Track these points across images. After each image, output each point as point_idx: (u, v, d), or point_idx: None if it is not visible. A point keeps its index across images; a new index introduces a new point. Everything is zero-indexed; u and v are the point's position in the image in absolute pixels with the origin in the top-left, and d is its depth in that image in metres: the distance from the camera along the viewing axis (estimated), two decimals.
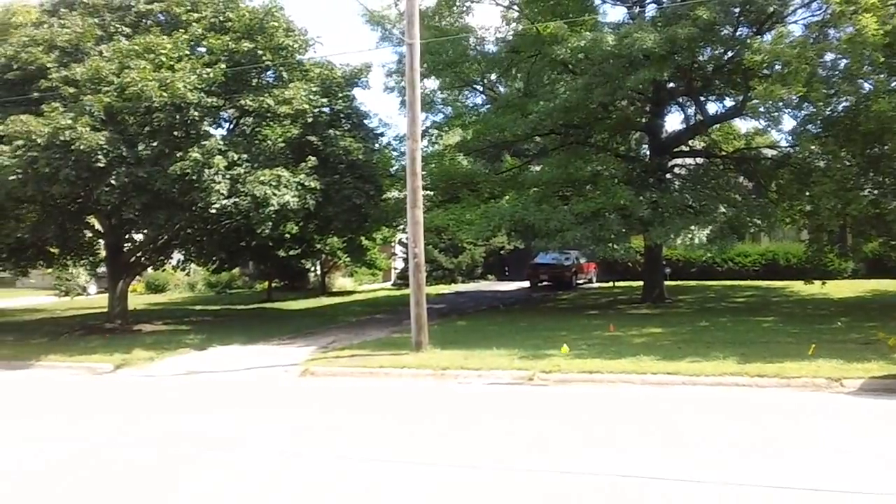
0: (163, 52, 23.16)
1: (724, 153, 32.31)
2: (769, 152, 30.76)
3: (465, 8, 31.71)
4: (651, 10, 29.93)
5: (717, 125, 32.09)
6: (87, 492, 8.96)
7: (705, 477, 8.57)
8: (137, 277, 38.07)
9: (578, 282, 46.34)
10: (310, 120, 25.08)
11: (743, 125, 33.93)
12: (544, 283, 45.17)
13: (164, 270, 42.45)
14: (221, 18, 25.38)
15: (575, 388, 14.63)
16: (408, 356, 18.14)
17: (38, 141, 21.19)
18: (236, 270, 47.85)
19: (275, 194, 22.43)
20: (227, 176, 22.37)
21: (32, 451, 10.95)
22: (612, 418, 12.03)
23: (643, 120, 31.78)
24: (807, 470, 8.77)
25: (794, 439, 10.26)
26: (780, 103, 23.00)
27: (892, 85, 21.62)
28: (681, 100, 31.84)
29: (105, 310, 28.62)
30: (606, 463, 9.29)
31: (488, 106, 34.12)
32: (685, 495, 8.07)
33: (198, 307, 39.53)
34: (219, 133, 25.84)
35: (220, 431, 11.84)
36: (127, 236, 28.52)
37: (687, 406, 12.67)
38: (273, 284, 46.20)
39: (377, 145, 29.86)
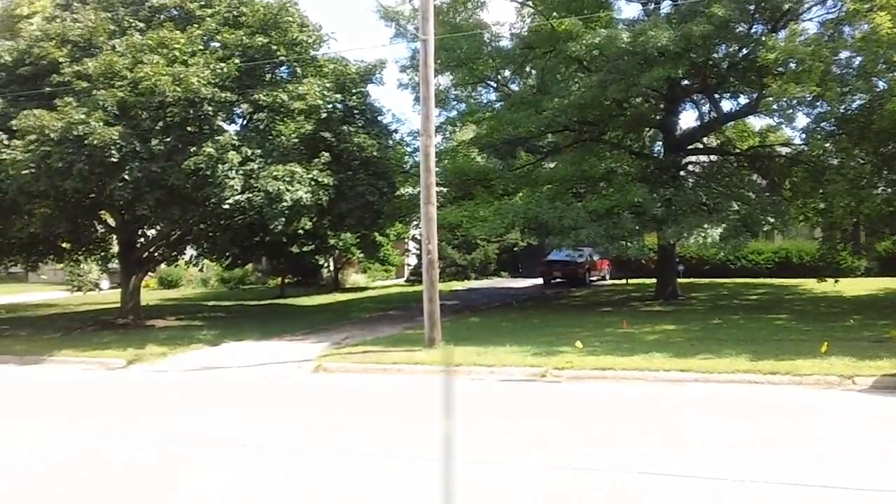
0: (176, 46, 23.14)
1: (738, 150, 32.27)
2: (783, 150, 30.73)
3: (479, 4, 31.67)
4: (666, 6, 29.83)
5: (732, 122, 32.07)
6: (87, 492, 8.95)
7: (717, 474, 8.57)
8: (150, 273, 38.10)
9: (591, 279, 46.24)
10: (324, 116, 25.05)
11: (757, 122, 33.92)
12: (557, 280, 45.08)
13: (176, 266, 42.51)
14: (235, 13, 25.31)
15: (588, 385, 14.62)
16: (421, 353, 18.13)
17: (52, 135, 21.20)
18: (249, 266, 47.85)
19: (288, 190, 22.40)
20: (241, 171, 22.37)
21: (37, 448, 10.98)
22: (631, 416, 12.02)
23: (657, 117, 31.71)
24: (812, 466, 8.78)
25: (803, 436, 10.25)
26: (794, 101, 22.99)
27: None
28: (695, 97, 31.83)
29: (118, 305, 28.63)
30: (628, 460, 9.29)
31: (502, 103, 34.07)
32: (689, 493, 8.06)
33: (211, 303, 39.57)
34: (232, 128, 25.87)
35: (232, 430, 11.85)
36: (140, 232, 28.51)
37: (699, 404, 12.66)
38: (286, 280, 46.21)
39: (391, 142, 29.80)
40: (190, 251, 33.54)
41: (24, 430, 12.24)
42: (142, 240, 28.75)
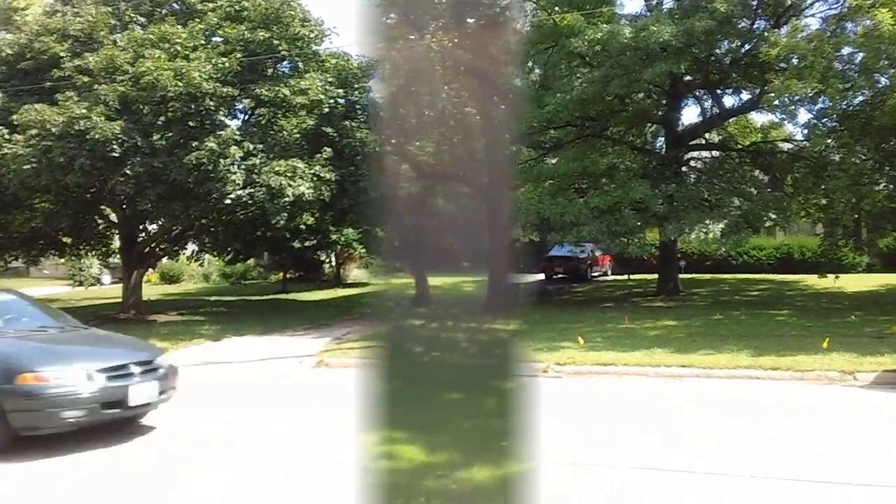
0: (178, 41, 23.19)
1: (739, 146, 32.17)
2: (785, 146, 30.66)
3: None
4: (668, 2, 29.78)
5: (734, 118, 32.00)
6: (87, 492, 8.92)
7: (718, 471, 8.58)
8: (151, 268, 38.10)
9: (593, 274, 46.07)
10: (325, 111, 25.07)
11: (759, 118, 33.85)
12: (559, 276, 44.95)
13: (178, 261, 42.47)
14: (237, 8, 25.29)
15: (589, 381, 14.64)
16: None
17: (53, 130, 21.24)
18: (251, 261, 47.68)
19: (290, 185, 22.41)
20: (243, 166, 22.40)
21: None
22: (632, 413, 12.03)
23: (659, 113, 31.64)
24: (812, 463, 8.80)
25: (803, 433, 10.26)
26: (796, 97, 22.95)
27: None
28: (697, 93, 31.73)
29: (119, 300, 28.60)
30: (629, 458, 9.29)
31: None
32: (689, 491, 8.06)
33: (212, 298, 39.50)
34: (234, 123, 25.88)
35: (232, 428, 11.83)
36: (141, 227, 28.50)
37: (700, 400, 12.67)
38: (288, 275, 46.11)
39: None
40: (191, 246, 33.54)
41: None
42: (143, 235, 28.75)
